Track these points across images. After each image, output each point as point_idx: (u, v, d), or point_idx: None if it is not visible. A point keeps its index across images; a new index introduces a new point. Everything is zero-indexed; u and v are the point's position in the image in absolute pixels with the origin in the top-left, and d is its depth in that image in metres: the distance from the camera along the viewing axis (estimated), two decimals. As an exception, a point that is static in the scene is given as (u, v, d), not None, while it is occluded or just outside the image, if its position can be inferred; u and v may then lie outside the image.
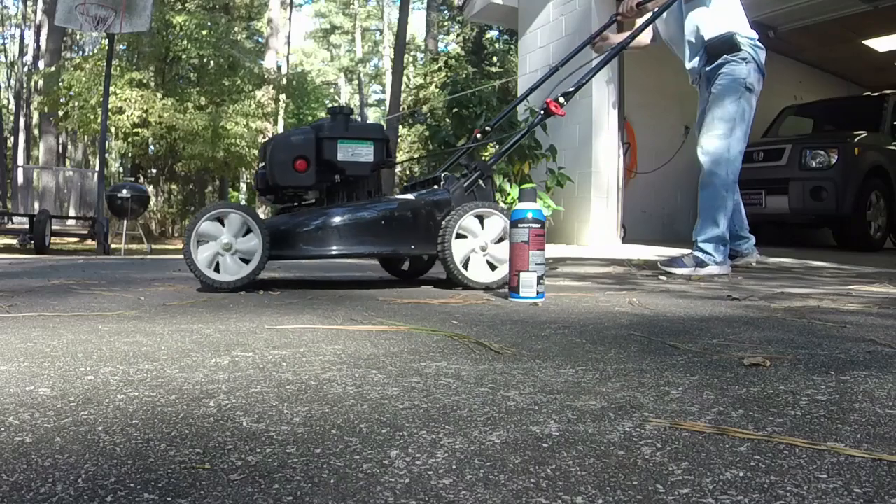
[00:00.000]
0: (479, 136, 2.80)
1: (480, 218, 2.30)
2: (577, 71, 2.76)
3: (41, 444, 0.64)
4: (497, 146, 4.14)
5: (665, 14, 3.19)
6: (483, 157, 5.32)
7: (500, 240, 2.30)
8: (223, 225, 2.15)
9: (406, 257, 2.82)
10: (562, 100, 2.53)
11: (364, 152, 2.35)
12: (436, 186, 2.48)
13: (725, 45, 3.06)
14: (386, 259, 2.93)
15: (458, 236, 2.26)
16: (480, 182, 2.45)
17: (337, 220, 2.26)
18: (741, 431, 0.69)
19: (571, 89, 2.61)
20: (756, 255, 3.44)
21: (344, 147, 2.33)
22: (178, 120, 14.00)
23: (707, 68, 3.16)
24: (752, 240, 3.42)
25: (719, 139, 3.03)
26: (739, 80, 3.02)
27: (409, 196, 2.40)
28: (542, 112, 2.56)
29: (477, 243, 2.29)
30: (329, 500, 0.52)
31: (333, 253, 2.24)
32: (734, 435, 0.68)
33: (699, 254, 3.05)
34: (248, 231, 2.17)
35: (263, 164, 2.39)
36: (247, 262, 2.17)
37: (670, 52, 3.39)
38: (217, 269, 2.15)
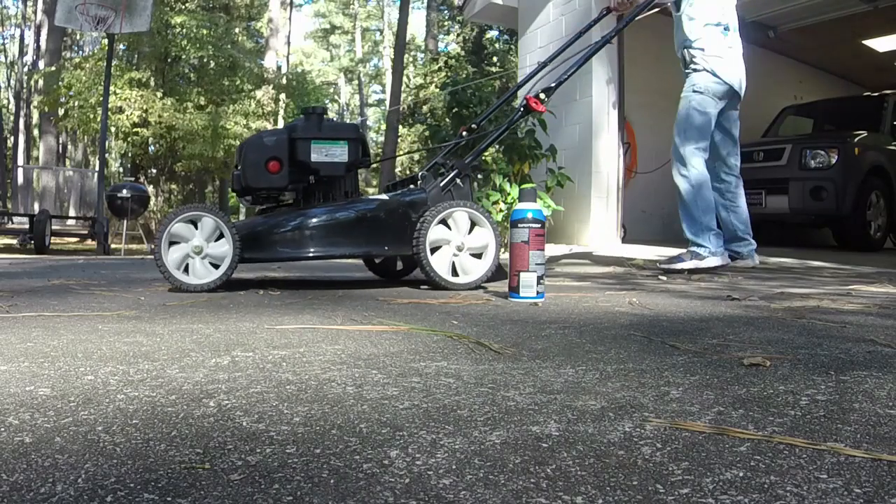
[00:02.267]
0: (465, 133, 2.79)
1: (444, 221, 2.27)
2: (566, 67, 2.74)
3: (41, 444, 0.64)
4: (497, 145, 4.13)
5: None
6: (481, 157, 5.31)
7: (470, 231, 2.28)
8: (196, 228, 2.14)
9: (380, 258, 2.81)
10: (542, 96, 2.51)
11: (338, 152, 2.33)
12: (411, 186, 2.46)
13: (683, 61, 3.30)
14: (369, 259, 2.91)
15: (432, 246, 2.24)
16: (458, 181, 2.43)
17: (311, 221, 2.25)
18: (741, 431, 0.69)
19: (553, 85, 2.60)
20: (755, 259, 3.45)
21: (317, 147, 2.31)
22: (177, 120, 14.00)
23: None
24: (754, 245, 3.43)
25: (675, 144, 3.22)
26: (691, 88, 3.20)
27: (384, 196, 2.39)
28: (522, 109, 2.55)
29: (453, 245, 2.27)
30: (329, 500, 0.52)
31: (309, 255, 2.23)
32: (734, 435, 0.68)
33: (695, 248, 3.11)
34: (221, 236, 2.15)
35: (239, 165, 2.37)
36: (216, 266, 2.15)
37: (670, 52, 3.42)
38: (185, 271, 2.13)
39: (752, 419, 0.74)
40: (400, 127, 19.67)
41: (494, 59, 21.99)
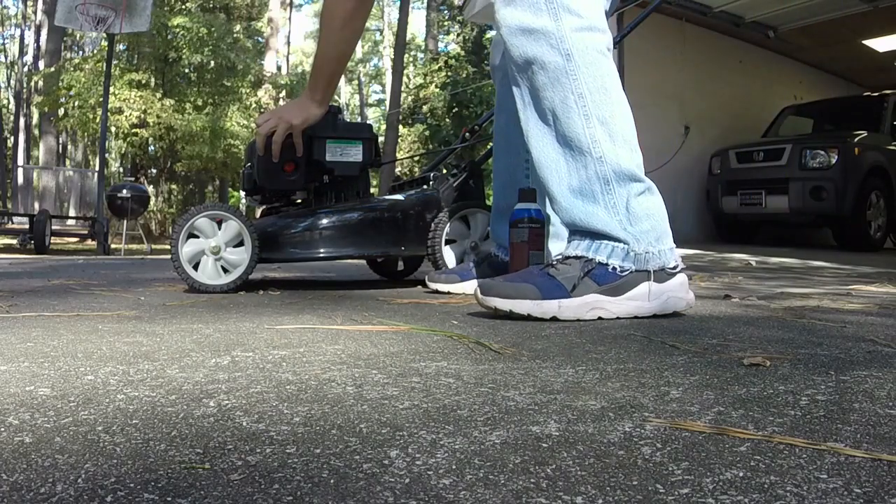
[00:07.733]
0: (467, 135, 2.78)
1: (465, 219, 2.29)
2: None
3: (41, 444, 0.64)
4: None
5: None
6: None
7: (487, 237, 2.31)
8: (219, 227, 2.13)
9: (397, 258, 2.82)
10: None
11: (353, 152, 2.31)
12: (424, 186, 2.46)
13: None
14: (372, 259, 2.91)
15: (448, 241, 2.26)
16: (470, 182, 2.44)
17: (325, 221, 2.24)
18: (741, 431, 0.69)
19: None
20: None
21: (333, 147, 2.29)
22: (176, 120, 14.00)
23: None
24: None
25: None
26: None
27: (399, 196, 2.39)
28: None
29: (466, 244, 2.28)
30: (329, 500, 0.52)
31: (321, 255, 2.21)
32: (734, 435, 0.68)
33: None
34: (240, 243, 2.13)
35: (250, 164, 2.34)
36: (225, 270, 2.13)
37: (669, 52, 3.32)
38: (194, 268, 2.10)
39: (752, 419, 0.74)
40: (400, 127, 19.66)
41: (494, 58, 21.95)
